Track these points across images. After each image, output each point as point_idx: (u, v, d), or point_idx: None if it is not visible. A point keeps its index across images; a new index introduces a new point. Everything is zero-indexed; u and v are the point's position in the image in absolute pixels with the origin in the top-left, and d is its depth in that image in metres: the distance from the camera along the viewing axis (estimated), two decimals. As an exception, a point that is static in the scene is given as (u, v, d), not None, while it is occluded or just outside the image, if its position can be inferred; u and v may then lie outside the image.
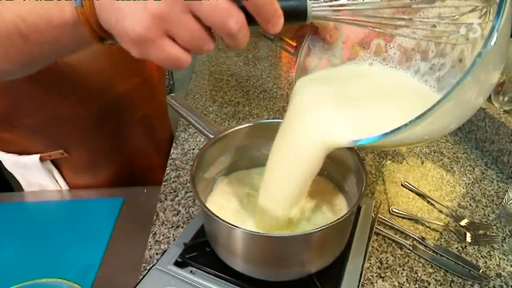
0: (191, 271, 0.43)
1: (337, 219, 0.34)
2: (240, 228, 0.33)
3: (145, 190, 0.69)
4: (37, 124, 0.62)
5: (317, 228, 0.33)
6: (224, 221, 0.34)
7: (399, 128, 0.24)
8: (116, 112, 0.69)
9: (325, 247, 0.39)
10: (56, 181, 0.71)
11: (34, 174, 0.68)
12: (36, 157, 0.65)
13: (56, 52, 0.34)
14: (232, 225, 0.33)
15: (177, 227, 0.56)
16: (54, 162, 0.69)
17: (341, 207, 0.45)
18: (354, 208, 0.36)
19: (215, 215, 0.34)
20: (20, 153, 0.66)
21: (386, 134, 0.25)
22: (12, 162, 0.67)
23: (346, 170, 0.47)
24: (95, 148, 0.70)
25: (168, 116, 0.90)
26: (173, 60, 0.26)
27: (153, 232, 0.55)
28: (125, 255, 0.58)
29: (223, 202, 0.46)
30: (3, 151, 0.66)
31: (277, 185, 0.38)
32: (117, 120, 0.70)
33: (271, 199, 0.39)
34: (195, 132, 0.80)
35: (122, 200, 0.67)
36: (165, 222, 0.57)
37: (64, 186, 0.72)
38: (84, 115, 0.65)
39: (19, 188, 0.74)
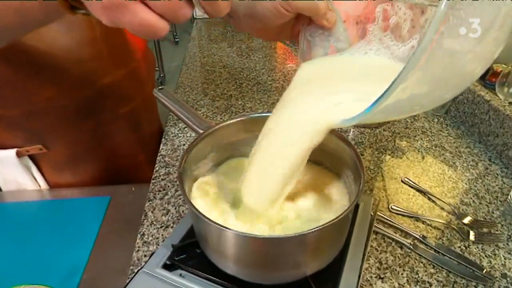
0: (180, 274, 0.41)
1: (333, 219, 0.33)
2: (231, 229, 0.32)
3: (133, 189, 0.68)
4: (14, 117, 0.60)
5: (313, 229, 0.32)
6: (213, 222, 0.32)
7: (382, 96, 0.23)
8: (99, 106, 0.67)
9: (322, 248, 0.38)
10: (35, 178, 0.69)
11: (10, 171, 0.65)
12: (12, 152, 0.63)
13: (23, 24, 0.33)
14: (223, 226, 0.32)
15: (167, 227, 0.54)
16: (33, 158, 0.67)
17: (341, 204, 0.44)
18: (351, 207, 0.35)
19: (203, 215, 0.33)
20: None
21: (373, 105, 0.24)
22: None
23: (344, 165, 0.46)
24: (76, 143, 0.68)
25: (156, 111, 0.88)
26: (147, 26, 0.25)
27: (141, 233, 0.53)
28: (112, 257, 0.56)
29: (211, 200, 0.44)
30: None
31: (261, 177, 0.37)
32: (100, 114, 0.68)
33: (252, 193, 0.38)
34: (186, 127, 0.78)
35: (109, 199, 0.66)
36: (154, 222, 0.55)
37: (43, 184, 0.70)
38: (64, 108, 0.63)
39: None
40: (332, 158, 0.47)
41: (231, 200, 0.42)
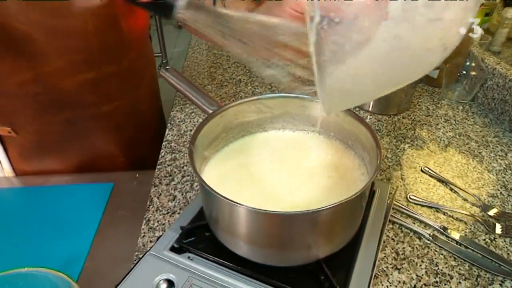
0: (188, 257, 0.44)
1: (346, 198, 0.35)
2: (243, 204, 0.34)
3: (137, 175, 0.70)
4: None
5: (326, 206, 0.34)
6: (225, 198, 0.35)
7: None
8: (77, 100, 0.67)
9: (334, 229, 0.40)
10: (0, 163, 0.71)
11: None
12: None
13: None
14: (234, 201, 0.34)
15: (173, 213, 0.57)
16: (2, 141, 0.70)
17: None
18: (365, 187, 0.37)
19: (217, 192, 0.35)
20: None
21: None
22: None
23: (363, 147, 0.48)
24: (46, 133, 0.70)
25: (157, 109, 0.89)
26: None
27: (147, 219, 0.56)
28: (115, 245, 0.59)
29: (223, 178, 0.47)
30: None
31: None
32: (76, 109, 0.68)
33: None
34: (192, 113, 0.81)
35: (112, 185, 0.68)
36: (160, 208, 0.58)
37: (8, 170, 0.72)
38: (37, 95, 0.63)
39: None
40: (354, 141, 0.50)
41: (243, 178, 0.44)
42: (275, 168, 0.47)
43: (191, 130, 0.75)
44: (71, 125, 0.70)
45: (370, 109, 0.82)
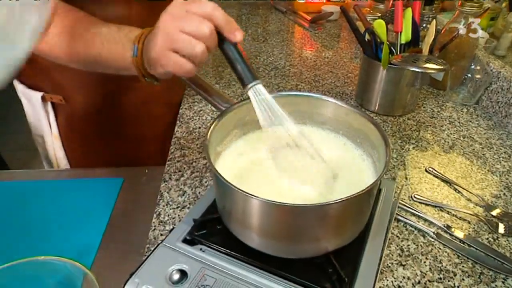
0: (200, 249, 0.46)
1: (355, 193, 0.37)
2: (259, 197, 0.36)
3: (146, 171, 0.72)
4: (45, 65, 0.70)
5: (336, 200, 0.35)
6: (239, 189, 0.36)
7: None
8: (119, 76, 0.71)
9: (343, 223, 0.42)
10: (50, 125, 0.81)
11: (35, 110, 0.80)
12: (39, 94, 0.77)
13: (111, 71, 0.56)
14: (250, 194, 0.36)
15: (183, 207, 0.59)
16: (54, 107, 0.80)
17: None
18: (376, 183, 0.39)
19: (232, 185, 0.37)
20: (30, 86, 0.79)
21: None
22: (22, 91, 0.80)
23: (372, 145, 0.50)
24: (89, 103, 0.79)
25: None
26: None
27: (157, 213, 0.58)
28: (126, 237, 0.61)
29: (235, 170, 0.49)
30: (19, 81, 0.80)
31: None
32: (118, 82, 0.74)
33: None
34: (201, 110, 0.83)
35: (122, 180, 0.70)
36: (170, 203, 0.59)
37: (55, 132, 0.82)
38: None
39: (16, 167, 0.78)
40: (363, 139, 0.52)
41: (254, 172, 0.46)
42: (285, 164, 0.49)
43: (199, 128, 0.77)
44: (111, 99, 0.79)
45: (375, 110, 0.84)
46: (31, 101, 0.79)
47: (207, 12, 0.43)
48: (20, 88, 0.80)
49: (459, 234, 0.55)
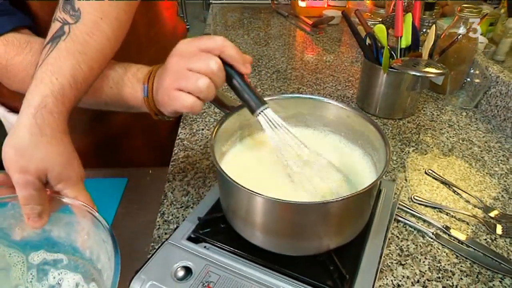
0: (205, 247, 0.47)
1: (357, 191, 0.38)
2: (263, 195, 0.37)
3: (150, 171, 0.73)
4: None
5: (338, 198, 0.37)
6: (246, 188, 0.38)
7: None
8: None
9: (344, 221, 0.43)
10: None
11: None
12: None
13: (121, 110, 0.55)
14: (255, 192, 0.37)
15: (187, 207, 0.60)
16: None
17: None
18: (376, 182, 0.40)
19: (237, 183, 0.38)
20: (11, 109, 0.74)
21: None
22: (2, 115, 0.75)
23: (372, 146, 0.51)
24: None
25: None
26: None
27: (162, 212, 0.59)
28: (130, 236, 0.62)
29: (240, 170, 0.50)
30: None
31: None
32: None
33: None
34: (204, 113, 0.84)
35: (126, 180, 0.71)
36: (174, 202, 0.61)
37: None
38: None
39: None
40: (364, 141, 0.53)
41: (257, 172, 0.47)
42: (287, 164, 0.50)
43: (202, 130, 0.79)
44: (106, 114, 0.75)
45: (376, 113, 0.85)
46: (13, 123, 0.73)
47: (217, 46, 0.43)
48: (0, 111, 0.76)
49: (458, 234, 0.56)
